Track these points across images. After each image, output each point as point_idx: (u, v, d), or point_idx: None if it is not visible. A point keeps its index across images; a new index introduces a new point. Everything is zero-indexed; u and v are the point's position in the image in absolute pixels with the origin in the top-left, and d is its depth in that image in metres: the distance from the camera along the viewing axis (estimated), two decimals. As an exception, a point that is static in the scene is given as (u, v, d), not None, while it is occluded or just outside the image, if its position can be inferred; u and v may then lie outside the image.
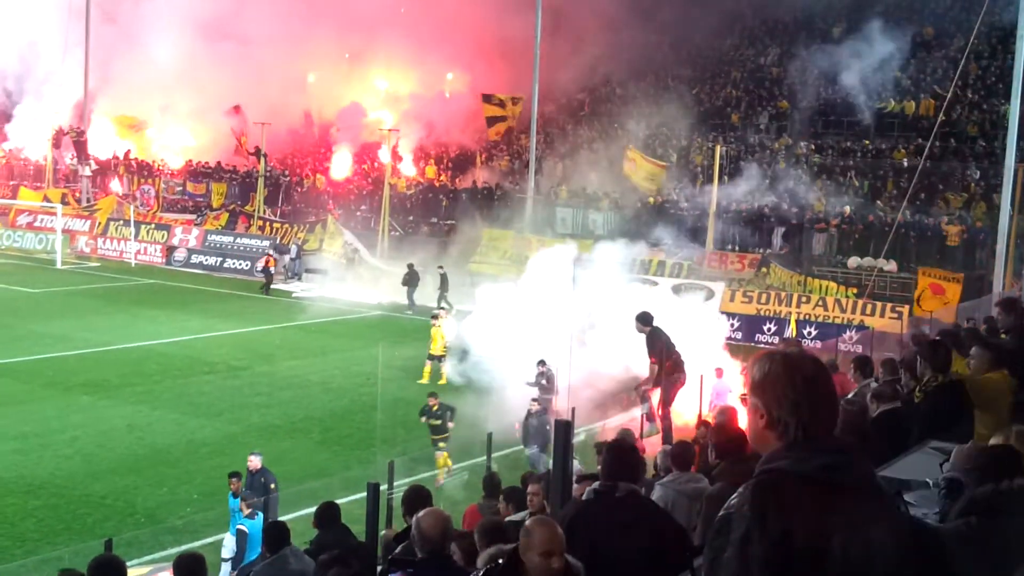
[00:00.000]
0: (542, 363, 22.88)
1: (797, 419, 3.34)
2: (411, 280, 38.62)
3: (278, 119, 53.92)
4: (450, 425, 20.88)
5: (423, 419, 21.15)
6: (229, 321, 35.15)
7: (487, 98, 49.69)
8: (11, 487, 18.97)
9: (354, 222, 48.16)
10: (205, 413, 24.37)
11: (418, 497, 9.15)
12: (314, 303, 38.79)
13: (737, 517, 3.25)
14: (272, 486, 16.55)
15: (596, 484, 6.56)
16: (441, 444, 20.76)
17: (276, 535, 10.85)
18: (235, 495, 15.98)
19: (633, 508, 6.25)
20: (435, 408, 21.03)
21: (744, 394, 3.54)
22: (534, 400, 21.00)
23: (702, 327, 25.10)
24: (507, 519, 9.30)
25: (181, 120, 60.63)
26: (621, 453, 6.68)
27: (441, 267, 38.67)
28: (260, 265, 43.87)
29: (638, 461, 6.96)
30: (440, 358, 27.55)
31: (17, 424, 22.66)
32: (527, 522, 5.36)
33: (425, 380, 27.03)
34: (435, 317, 28.19)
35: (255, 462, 16.70)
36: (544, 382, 22.71)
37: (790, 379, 3.38)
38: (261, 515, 15.30)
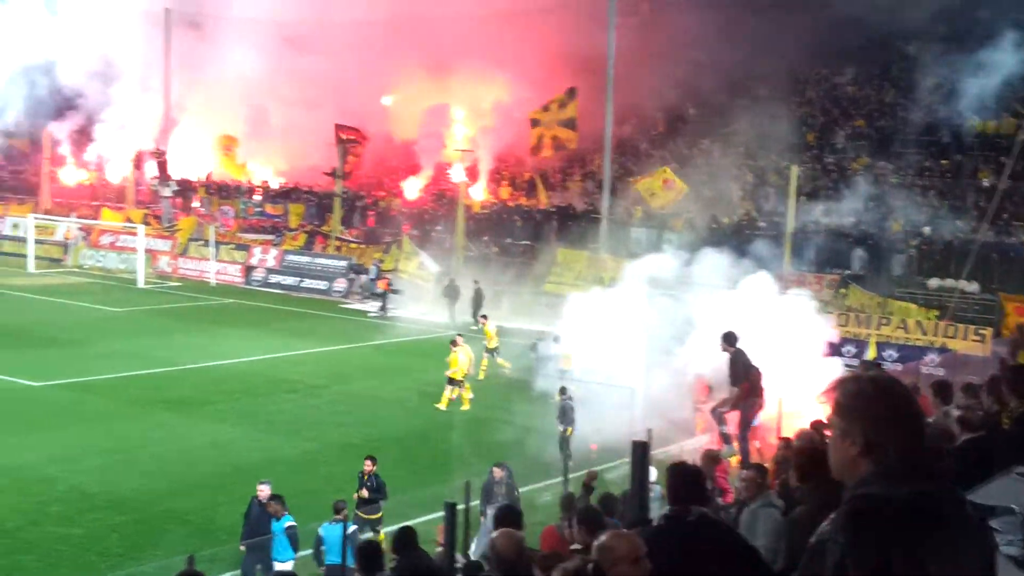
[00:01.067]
0: (562, 391, 22.76)
1: (897, 443, 3.23)
2: (451, 293, 39.16)
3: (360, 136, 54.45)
4: (382, 503, 17.59)
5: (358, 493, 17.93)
6: (307, 340, 35.53)
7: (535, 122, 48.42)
8: (96, 502, 19.39)
9: (429, 243, 48.40)
10: (284, 431, 24.70)
11: (510, 517, 8.95)
12: (391, 323, 39.09)
13: (831, 545, 3.16)
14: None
15: (667, 509, 6.52)
16: (377, 527, 17.18)
17: (371, 555, 10.67)
18: (276, 518, 15.65)
19: (706, 531, 6.20)
20: (366, 477, 17.95)
21: (825, 421, 3.46)
22: (497, 466, 17.83)
23: (806, 332, 23.81)
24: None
25: (269, 138, 61.38)
26: (688, 476, 6.56)
27: (477, 281, 39.03)
28: (370, 288, 44.44)
29: (704, 483, 6.87)
30: (460, 383, 27.09)
31: (102, 440, 23.20)
32: (603, 538, 5.30)
33: (443, 405, 26.77)
34: (454, 343, 27.51)
35: (265, 491, 16.16)
36: (560, 416, 22.43)
37: (884, 401, 3.28)
38: (340, 524, 15.32)
